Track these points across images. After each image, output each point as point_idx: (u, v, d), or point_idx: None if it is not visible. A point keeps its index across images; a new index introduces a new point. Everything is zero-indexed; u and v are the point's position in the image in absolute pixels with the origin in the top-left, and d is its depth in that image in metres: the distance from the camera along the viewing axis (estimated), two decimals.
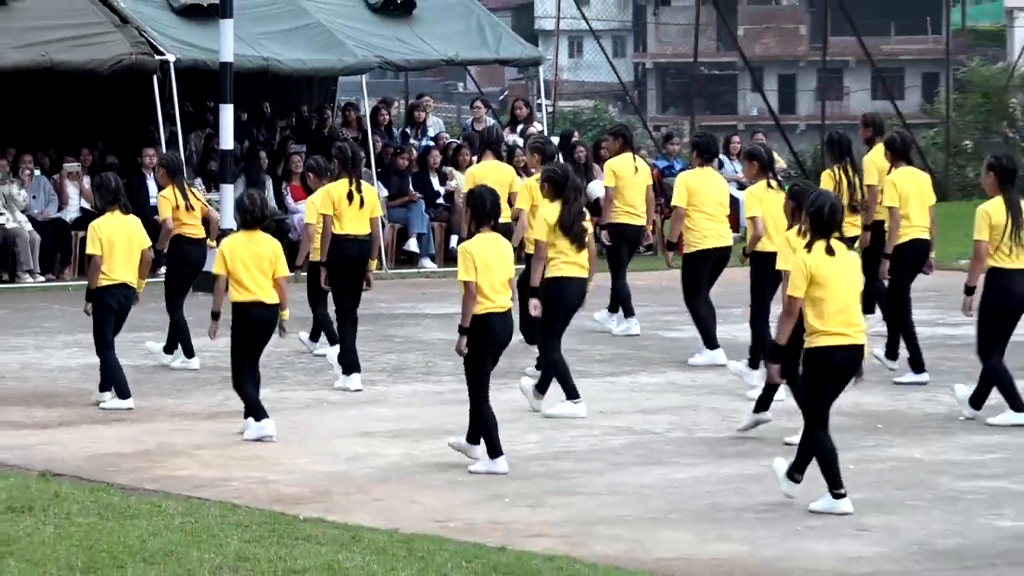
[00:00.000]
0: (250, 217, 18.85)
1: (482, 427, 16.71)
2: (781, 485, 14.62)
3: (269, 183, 32.85)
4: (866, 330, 15.46)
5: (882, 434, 19.06)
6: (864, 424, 19.07)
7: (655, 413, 20.10)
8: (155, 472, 16.89)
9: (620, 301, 25.96)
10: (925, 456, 17.80)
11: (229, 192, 31.23)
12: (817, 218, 14.53)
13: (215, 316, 18.57)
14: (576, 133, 39.82)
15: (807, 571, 13.08)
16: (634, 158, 26.12)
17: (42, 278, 31.27)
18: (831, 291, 14.34)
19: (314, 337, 24.05)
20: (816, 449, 14.42)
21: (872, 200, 22.83)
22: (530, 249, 21.75)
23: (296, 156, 33.55)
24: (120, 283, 20.43)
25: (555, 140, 32.57)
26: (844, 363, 14.41)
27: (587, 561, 12.88)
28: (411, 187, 35.61)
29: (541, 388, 19.26)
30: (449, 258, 33.68)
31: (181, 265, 23.83)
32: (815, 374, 14.66)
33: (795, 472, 14.55)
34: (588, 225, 20.12)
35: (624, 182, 25.43)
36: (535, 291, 19.58)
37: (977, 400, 19.75)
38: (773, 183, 21.78)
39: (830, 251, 14.40)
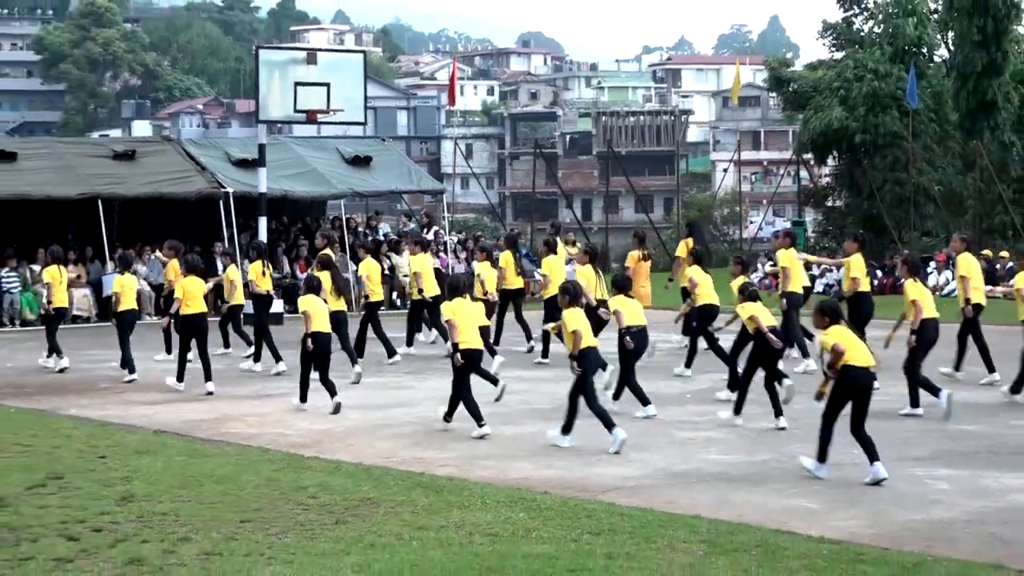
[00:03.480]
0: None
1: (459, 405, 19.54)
2: (816, 471, 15.85)
3: (285, 262, 38.90)
4: None
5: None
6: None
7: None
8: (220, 430, 20.09)
9: None
10: (668, 418, 20.46)
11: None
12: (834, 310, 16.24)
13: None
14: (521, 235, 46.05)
15: (598, 483, 15.82)
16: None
17: (155, 318, 34.27)
18: None
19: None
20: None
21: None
22: None
23: (302, 246, 39.54)
24: (196, 314, 24.06)
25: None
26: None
27: (471, 479, 16.00)
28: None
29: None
30: (392, 306, 39.36)
31: (260, 307, 27.87)
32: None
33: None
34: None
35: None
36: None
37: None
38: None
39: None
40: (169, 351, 27.85)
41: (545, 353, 27.48)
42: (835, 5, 62.19)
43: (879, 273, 43.74)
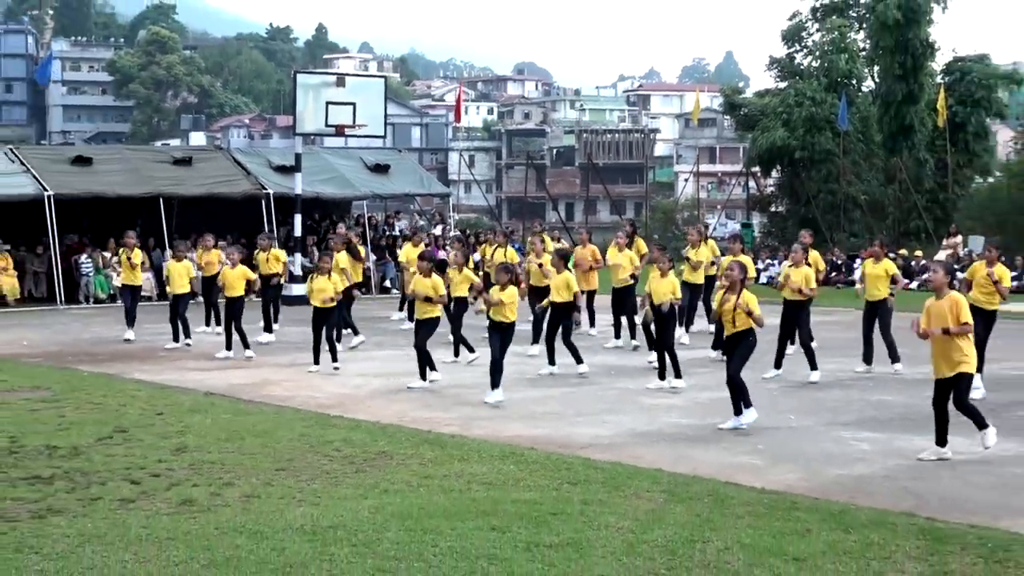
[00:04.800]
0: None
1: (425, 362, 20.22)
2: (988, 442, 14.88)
3: (316, 253, 37.11)
4: None
5: (618, 377, 21.60)
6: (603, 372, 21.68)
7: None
8: (260, 393, 20.10)
9: None
10: (637, 387, 20.37)
11: (299, 257, 38.17)
12: None
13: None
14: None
15: (576, 441, 15.83)
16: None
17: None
18: None
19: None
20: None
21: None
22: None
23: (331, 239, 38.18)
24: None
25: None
26: None
27: (470, 436, 16.03)
28: (387, 255, 42.88)
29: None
30: (383, 290, 40.95)
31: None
32: None
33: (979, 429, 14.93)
34: None
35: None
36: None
37: None
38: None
39: None
40: (208, 323, 28.63)
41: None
42: (780, 43, 62.37)
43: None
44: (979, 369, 20.60)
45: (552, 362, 21.97)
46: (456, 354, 23.55)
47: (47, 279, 37.98)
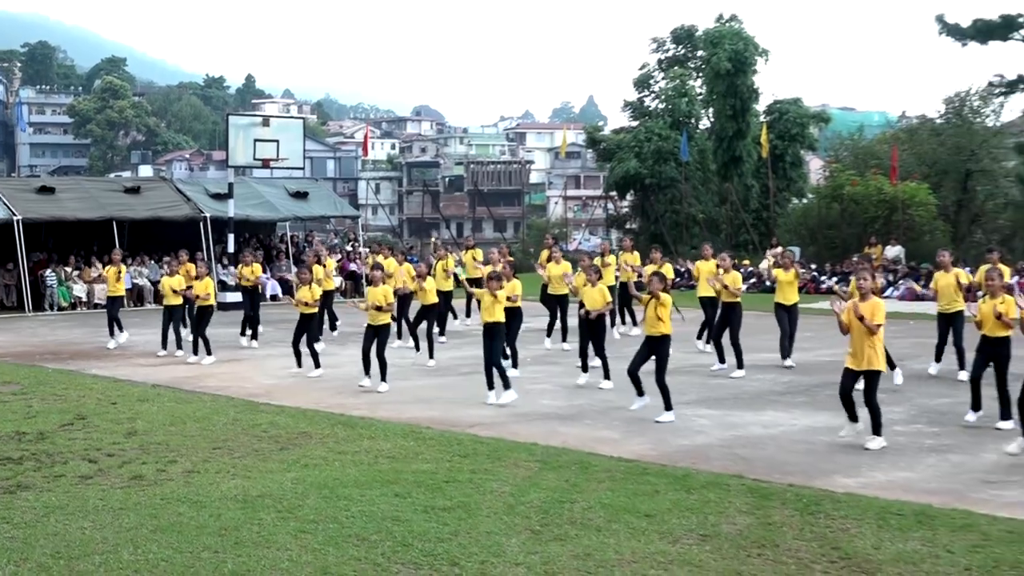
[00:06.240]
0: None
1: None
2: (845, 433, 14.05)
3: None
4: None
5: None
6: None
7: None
8: (200, 384, 19.85)
9: None
10: (517, 375, 19.94)
11: (232, 270, 36.57)
12: None
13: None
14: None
15: (465, 421, 15.68)
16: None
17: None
18: None
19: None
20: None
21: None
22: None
23: (259, 253, 36.49)
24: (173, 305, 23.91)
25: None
26: None
27: (376, 419, 15.81)
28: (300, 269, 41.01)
29: None
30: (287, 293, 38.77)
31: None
32: None
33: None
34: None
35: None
36: None
37: None
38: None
39: None
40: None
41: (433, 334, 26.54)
42: (633, 88, 62.72)
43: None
44: (786, 355, 21.32)
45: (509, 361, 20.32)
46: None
47: (17, 291, 37.27)
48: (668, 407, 15.91)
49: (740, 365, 20.59)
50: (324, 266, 26.80)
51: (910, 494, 11.26)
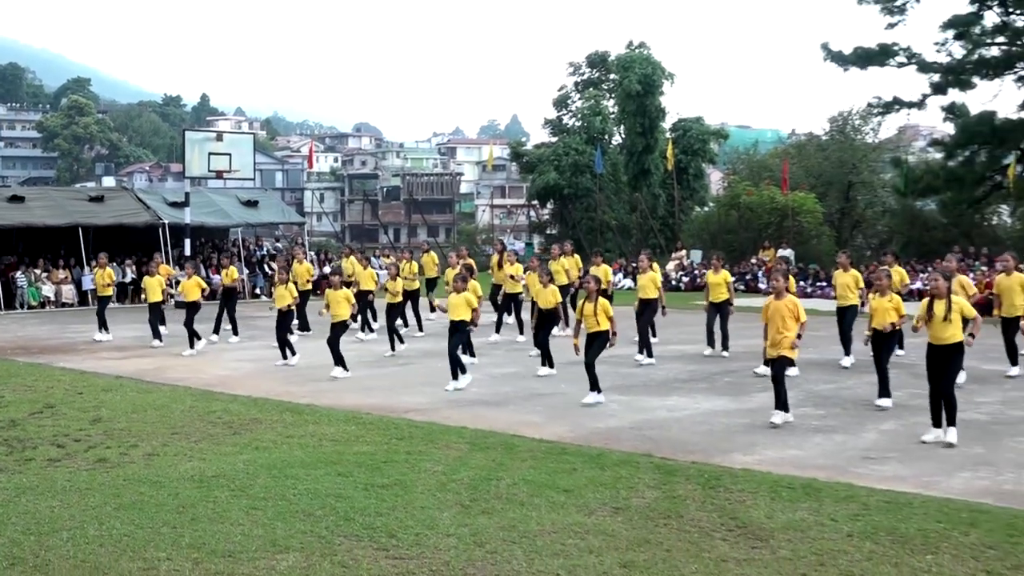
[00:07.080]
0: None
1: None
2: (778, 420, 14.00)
3: (201, 267, 36.70)
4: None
5: (436, 358, 20.47)
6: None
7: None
8: (160, 376, 19.55)
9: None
10: (445, 366, 19.53)
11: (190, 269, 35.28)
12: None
13: None
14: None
15: (401, 407, 15.45)
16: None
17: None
18: None
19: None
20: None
21: None
22: None
23: (212, 256, 37.60)
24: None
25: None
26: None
27: (320, 405, 15.62)
28: (257, 270, 41.56)
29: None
30: (254, 296, 39.32)
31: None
32: None
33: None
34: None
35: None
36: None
37: None
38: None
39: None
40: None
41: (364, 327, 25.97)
42: (552, 107, 62.87)
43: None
44: (719, 343, 21.42)
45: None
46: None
47: None
48: (596, 389, 15.83)
49: (641, 351, 20.72)
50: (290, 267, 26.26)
51: (799, 469, 11.31)
